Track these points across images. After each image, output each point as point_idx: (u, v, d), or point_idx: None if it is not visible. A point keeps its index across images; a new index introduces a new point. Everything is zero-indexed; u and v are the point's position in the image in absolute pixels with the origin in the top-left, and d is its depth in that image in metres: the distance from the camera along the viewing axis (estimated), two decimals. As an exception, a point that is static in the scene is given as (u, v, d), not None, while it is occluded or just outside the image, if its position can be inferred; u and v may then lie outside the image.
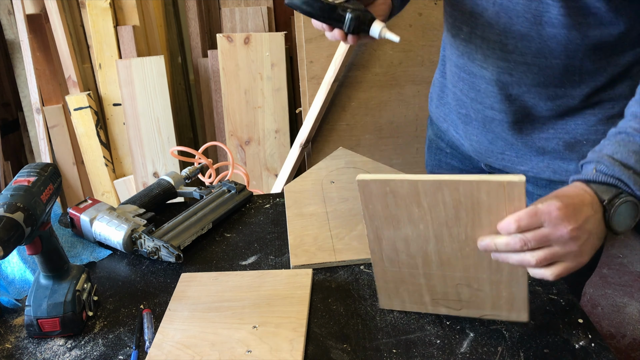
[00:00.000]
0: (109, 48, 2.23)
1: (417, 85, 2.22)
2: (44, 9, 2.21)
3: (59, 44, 2.21)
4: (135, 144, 2.25)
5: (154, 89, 2.20)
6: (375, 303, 0.91)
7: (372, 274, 0.98)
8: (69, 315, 0.86)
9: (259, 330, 0.84)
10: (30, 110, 2.35)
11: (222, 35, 2.23)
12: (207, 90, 2.42)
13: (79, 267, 0.92)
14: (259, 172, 2.36)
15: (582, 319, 0.86)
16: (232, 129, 2.30)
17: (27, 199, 0.79)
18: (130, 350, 0.84)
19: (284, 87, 2.27)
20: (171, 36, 2.50)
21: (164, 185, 1.22)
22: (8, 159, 2.40)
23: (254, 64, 2.25)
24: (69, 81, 2.24)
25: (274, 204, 1.22)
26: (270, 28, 2.35)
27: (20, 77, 2.35)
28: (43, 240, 0.84)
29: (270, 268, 1.02)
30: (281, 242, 1.09)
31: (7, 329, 0.90)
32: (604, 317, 2.16)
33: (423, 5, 2.06)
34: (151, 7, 2.32)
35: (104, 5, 2.19)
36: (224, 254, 1.06)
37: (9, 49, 2.34)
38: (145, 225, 1.07)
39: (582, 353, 0.79)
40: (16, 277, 1.01)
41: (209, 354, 0.80)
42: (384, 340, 0.84)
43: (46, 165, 0.87)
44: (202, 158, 1.35)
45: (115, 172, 2.33)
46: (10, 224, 0.76)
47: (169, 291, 0.96)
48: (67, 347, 0.86)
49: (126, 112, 2.22)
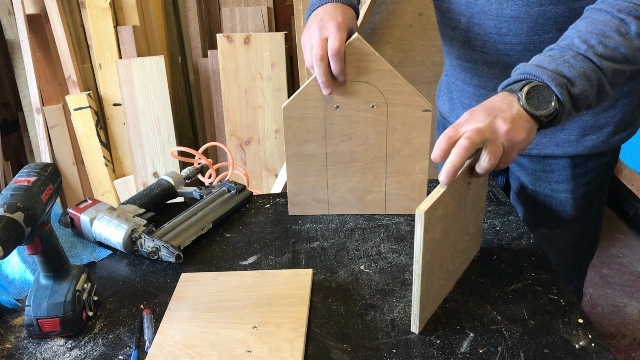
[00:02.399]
0: (109, 48, 2.23)
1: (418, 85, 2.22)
2: (44, 9, 2.21)
3: (59, 44, 2.21)
4: (135, 144, 2.25)
5: (154, 89, 2.20)
6: (376, 303, 0.91)
7: (372, 274, 0.98)
8: (69, 315, 0.86)
9: (259, 330, 0.84)
10: (30, 110, 2.35)
11: (222, 35, 2.23)
12: (207, 90, 2.42)
13: (79, 267, 0.92)
14: (259, 172, 2.36)
15: (582, 319, 0.86)
16: (232, 129, 2.30)
17: (27, 199, 0.79)
18: (130, 350, 0.84)
19: (284, 87, 2.27)
20: (171, 36, 2.50)
21: (164, 185, 1.22)
22: (8, 159, 2.40)
23: (254, 64, 2.25)
24: (69, 81, 2.24)
25: (274, 204, 1.22)
26: (270, 28, 2.35)
27: (20, 77, 2.35)
28: (43, 240, 0.84)
29: (270, 268, 1.02)
30: (281, 242, 1.09)
31: (7, 329, 0.90)
32: (604, 317, 2.15)
33: (423, 5, 2.06)
34: (151, 7, 2.32)
35: (104, 5, 2.19)
36: (224, 254, 1.06)
37: (9, 49, 2.34)
38: (145, 225, 1.07)
39: (582, 353, 0.79)
40: (16, 277, 1.01)
41: (209, 354, 0.80)
42: (384, 340, 0.84)
43: (46, 165, 0.87)
44: (202, 158, 1.35)
45: (115, 172, 2.33)
46: (10, 224, 0.76)
47: (169, 291, 0.96)
48: (67, 347, 0.86)
49: (126, 112, 2.22)
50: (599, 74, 0.84)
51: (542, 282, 0.94)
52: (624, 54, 0.85)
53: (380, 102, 1.03)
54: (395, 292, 0.94)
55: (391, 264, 1.01)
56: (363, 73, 1.00)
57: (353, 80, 1.01)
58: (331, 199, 1.12)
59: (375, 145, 1.07)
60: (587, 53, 0.84)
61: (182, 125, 2.57)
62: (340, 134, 1.07)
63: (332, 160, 1.09)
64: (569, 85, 0.83)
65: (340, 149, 1.08)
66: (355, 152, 1.08)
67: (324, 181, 1.11)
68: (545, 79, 0.83)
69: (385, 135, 1.06)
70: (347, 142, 1.07)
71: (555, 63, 0.84)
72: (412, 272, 0.98)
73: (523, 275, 0.96)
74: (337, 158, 1.09)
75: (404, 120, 1.04)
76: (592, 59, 0.84)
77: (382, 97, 1.02)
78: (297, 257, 1.04)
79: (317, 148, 1.08)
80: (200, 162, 1.35)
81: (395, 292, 0.94)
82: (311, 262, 1.03)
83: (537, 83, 0.83)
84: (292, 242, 1.09)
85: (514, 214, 1.14)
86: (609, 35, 0.85)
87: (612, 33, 0.85)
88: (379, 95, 1.02)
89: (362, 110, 1.04)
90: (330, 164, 1.09)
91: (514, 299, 0.91)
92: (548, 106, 0.82)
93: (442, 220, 0.81)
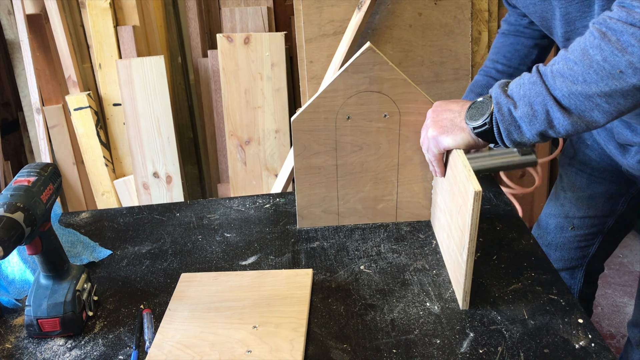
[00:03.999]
0: (109, 48, 2.23)
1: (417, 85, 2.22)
2: (44, 9, 2.21)
3: (59, 44, 2.21)
4: (135, 144, 2.25)
5: (154, 89, 2.20)
6: (376, 303, 0.91)
7: (372, 274, 0.98)
8: (69, 315, 0.86)
9: (259, 330, 0.84)
10: (30, 110, 2.35)
11: (222, 35, 2.23)
12: (207, 90, 2.42)
13: (79, 267, 0.92)
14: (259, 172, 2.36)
15: (582, 319, 0.86)
16: (232, 129, 2.30)
17: (27, 199, 0.79)
18: (130, 350, 0.84)
19: (284, 87, 2.27)
20: (171, 36, 2.50)
21: None
22: (8, 159, 2.40)
23: (254, 64, 2.25)
24: (69, 81, 2.24)
25: (274, 203, 1.22)
26: (270, 28, 2.35)
27: (20, 77, 2.35)
28: (43, 240, 0.84)
29: (270, 268, 1.02)
30: (281, 242, 1.09)
31: (7, 329, 0.90)
32: (604, 317, 2.15)
33: (423, 5, 2.06)
34: (151, 7, 2.32)
35: (104, 5, 2.19)
36: (224, 254, 1.06)
37: (9, 49, 2.34)
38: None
39: (582, 353, 0.79)
40: (16, 277, 1.01)
41: (209, 354, 0.80)
42: (384, 340, 0.84)
43: (46, 165, 0.86)
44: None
45: (115, 172, 2.33)
46: (10, 224, 0.76)
47: (169, 291, 0.96)
48: (67, 347, 0.86)
49: (126, 112, 2.22)
50: (544, 99, 0.80)
51: (542, 282, 0.94)
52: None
53: (393, 111, 1.03)
54: (395, 292, 0.94)
55: (391, 264, 1.01)
56: (376, 82, 1.00)
57: (365, 90, 1.01)
58: (341, 210, 1.12)
59: (387, 154, 1.07)
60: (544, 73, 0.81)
61: (182, 125, 2.57)
62: (352, 145, 1.06)
63: (342, 172, 1.08)
64: (511, 106, 0.84)
65: (351, 160, 1.07)
66: (366, 162, 1.08)
67: (334, 193, 1.10)
68: (492, 92, 0.87)
69: (397, 144, 1.06)
70: (358, 153, 1.07)
71: (515, 83, 0.85)
72: (412, 272, 0.98)
73: (523, 275, 0.96)
74: (347, 169, 1.08)
75: (417, 128, 1.04)
76: (545, 79, 0.80)
77: (395, 106, 1.02)
78: (297, 257, 1.04)
79: (328, 160, 1.07)
80: None
81: (395, 292, 0.94)
82: (311, 262, 1.03)
83: (485, 100, 0.88)
84: (292, 242, 1.09)
85: (514, 214, 1.14)
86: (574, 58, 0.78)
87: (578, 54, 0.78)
88: (392, 104, 1.02)
89: (374, 120, 1.03)
90: (340, 175, 1.08)
91: (514, 299, 0.91)
92: (478, 117, 0.88)
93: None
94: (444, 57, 2.12)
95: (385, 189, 1.10)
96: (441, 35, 2.10)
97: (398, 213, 1.13)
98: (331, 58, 2.10)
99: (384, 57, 0.98)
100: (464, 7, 2.07)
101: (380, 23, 2.06)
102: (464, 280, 0.87)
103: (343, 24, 2.04)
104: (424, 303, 0.91)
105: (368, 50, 0.97)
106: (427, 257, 1.02)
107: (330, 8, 2.02)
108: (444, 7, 2.06)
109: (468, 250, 0.84)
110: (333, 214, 1.11)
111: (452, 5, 2.06)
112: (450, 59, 2.13)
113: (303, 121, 1.03)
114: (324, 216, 1.12)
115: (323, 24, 2.04)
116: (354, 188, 1.09)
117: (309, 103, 1.02)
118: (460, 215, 0.87)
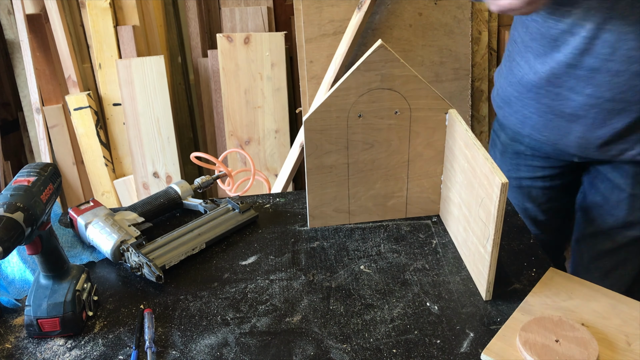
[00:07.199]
0: (109, 48, 2.23)
1: (417, 85, 2.22)
2: (44, 9, 2.20)
3: (59, 44, 2.21)
4: (135, 144, 2.25)
5: (154, 89, 2.20)
6: (376, 303, 0.91)
7: (372, 274, 0.98)
8: (69, 315, 0.86)
9: None
10: (30, 110, 2.35)
11: (222, 35, 2.23)
12: (207, 90, 2.42)
13: (79, 267, 0.92)
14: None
15: (582, 319, 0.86)
16: (232, 129, 2.30)
17: (27, 199, 0.79)
18: (130, 350, 0.84)
19: (284, 87, 2.27)
20: (171, 36, 2.50)
21: (171, 194, 1.18)
22: (8, 159, 2.40)
23: (254, 63, 2.25)
24: (69, 81, 2.24)
25: (274, 204, 1.22)
26: (270, 28, 2.35)
27: (20, 77, 2.35)
28: (43, 240, 0.84)
29: (270, 268, 1.02)
30: (281, 242, 1.09)
31: (7, 329, 0.90)
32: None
33: (423, 5, 2.06)
34: (151, 7, 2.32)
35: (104, 5, 2.19)
36: (224, 254, 1.06)
37: (9, 49, 2.34)
38: (138, 237, 1.03)
39: (582, 353, 0.79)
40: (16, 277, 1.01)
41: None
42: (384, 340, 0.84)
43: (46, 165, 0.86)
44: (223, 167, 1.31)
45: (115, 172, 2.33)
46: (10, 223, 0.76)
47: (169, 291, 0.96)
48: (67, 347, 0.86)
49: (126, 112, 2.22)
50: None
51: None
52: None
53: (404, 107, 1.03)
54: (395, 292, 0.94)
55: (391, 264, 1.01)
56: (387, 80, 1.00)
57: (377, 88, 1.00)
58: (352, 208, 1.12)
59: (398, 150, 1.07)
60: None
61: (182, 125, 2.57)
62: (363, 143, 1.06)
63: (353, 170, 1.08)
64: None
65: (362, 158, 1.07)
66: (377, 160, 1.08)
67: (345, 191, 1.10)
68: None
69: (407, 140, 1.06)
70: (369, 150, 1.07)
71: None
72: (411, 272, 0.98)
73: (523, 275, 0.96)
74: (358, 167, 1.08)
75: (427, 124, 1.04)
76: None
77: (406, 103, 1.02)
78: (297, 257, 1.04)
79: (339, 159, 1.07)
80: (220, 170, 1.32)
81: (395, 292, 0.94)
82: (311, 262, 1.03)
83: None
84: (292, 242, 1.09)
85: (514, 214, 1.14)
86: None
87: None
88: (403, 101, 1.02)
89: (385, 117, 1.03)
90: (351, 174, 1.08)
91: (514, 298, 0.91)
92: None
93: None
94: (444, 57, 2.12)
95: (396, 185, 1.11)
96: (441, 35, 2.10)
97: (408, 209, 1.14)
98: (331, 58, 2.10)
99: (395, 54, 0.98)
100: (464, 7, 2.07)
101: (380, 23, 2.06)
102: (487, 271, 0.89)
103: (343, 24, 2.04)
104: (424, 303, 0.91)
105: (380, 48, 0.97)
106: (427, 257, 1.02)
107: (330, 8, 2.02)
108: (444, 7, 2.06)
109: (493, 242, 0.85)
110: (344, 212, 1.12)
111: (452, 5, 2.06)
112: (450, 58, 2.13)
113: (315, 121, 1.02)
114: (335, 215, 1.12)
115: (323, 23, 2.04)
116: (364, 186, 1.10)
117: (321, 103, 1.02)
118: (483, 208, 0.88)
